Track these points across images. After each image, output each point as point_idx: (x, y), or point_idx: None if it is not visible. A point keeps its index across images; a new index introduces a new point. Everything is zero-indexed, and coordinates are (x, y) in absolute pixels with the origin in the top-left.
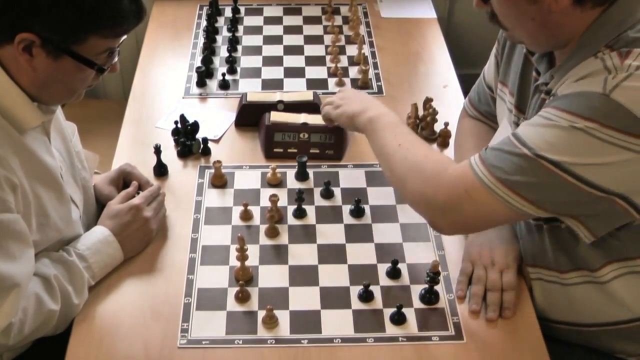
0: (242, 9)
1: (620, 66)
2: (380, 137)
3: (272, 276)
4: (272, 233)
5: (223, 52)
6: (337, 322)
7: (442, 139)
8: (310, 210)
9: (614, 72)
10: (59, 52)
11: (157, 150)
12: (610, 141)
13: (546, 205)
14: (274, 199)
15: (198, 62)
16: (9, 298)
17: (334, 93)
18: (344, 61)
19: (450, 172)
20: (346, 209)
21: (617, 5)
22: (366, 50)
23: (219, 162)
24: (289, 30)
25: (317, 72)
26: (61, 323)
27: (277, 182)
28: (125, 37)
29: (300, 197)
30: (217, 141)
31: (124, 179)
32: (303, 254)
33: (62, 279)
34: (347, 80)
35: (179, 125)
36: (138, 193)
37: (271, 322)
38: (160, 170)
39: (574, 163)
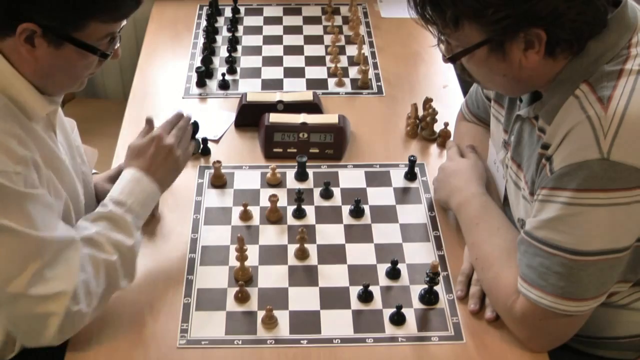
0: (242, 9)
1: (605, 116)
2: (464, 231)
3: (271, 276)
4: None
5: (223, 52)
6: (337, 323)
7: (442, 139)
8: (309, 210)
9: (600, 129)
10: (60, 40)
11: None
12: (624, 202)
13: (607, 287)
14: (273, 199)
15: (198, 62)
16: (71, 255)
17: (334, 93)
18: (344, 61)
19: (516, 310)
20: (346, 209)
21: (594, 42)
22: (366, 50)
23: (218, 162)
24: (289, 30)
25: (317, 72)
26: (128, 270)
27: (277, 182)
28: (125, 22)
29: (299, 197)
30: (216, 141)
31: None
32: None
33: (107, 230)
34: (347, 80)
35: None
36: None
37: (271, 322)
38: None
39: (607, 243)
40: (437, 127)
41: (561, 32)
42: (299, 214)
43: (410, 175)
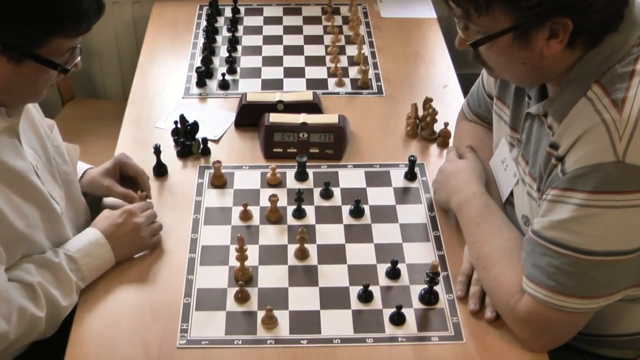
0: (242, 9)
1: (620, 119)
2: (464, 231)
3: (271, 276)
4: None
5: (223, 52)
6: (337, 323)
7: (442, 139)
8: (309, 210)
9: (615, 132)
10: (21, 57)
11: (157, 151)
12: (639, 204)
13: (619, 286)
14: (273, 199)
15: (198, 62)
16: None
17: (334, 93)
18: (343, 61)
19: (520, 309)
20: (346, 209)
21: (606, 39)
22: (366, 50)
23: (218, 162)
24: (289, 30)
25: (317, 72)
26: (49, 327)
27: (277, 182)
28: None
29: (299, 197)
30: (216, 141)
31: (120, 169)
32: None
33: (47, 284)
34: (347, 80)
35: (179, 125)
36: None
37: (271, 322)
38: (160, 170)
39: (620, 245)
40: (437, 127)
41: (586, 22)
42: (299, 214)
43: (410, 175)
